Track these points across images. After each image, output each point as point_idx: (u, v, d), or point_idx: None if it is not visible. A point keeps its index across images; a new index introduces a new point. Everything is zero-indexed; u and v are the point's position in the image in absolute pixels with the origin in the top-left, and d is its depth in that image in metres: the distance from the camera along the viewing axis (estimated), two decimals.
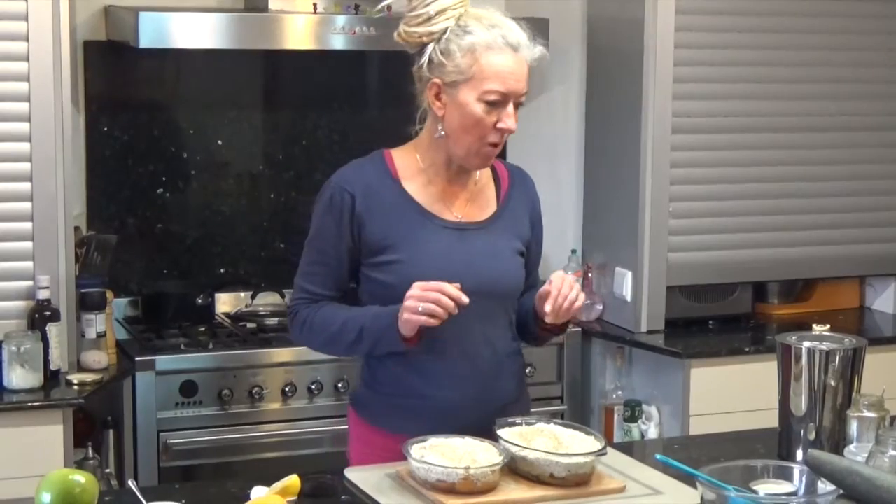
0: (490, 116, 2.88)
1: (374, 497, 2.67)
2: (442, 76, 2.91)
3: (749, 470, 2.57)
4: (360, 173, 3.02)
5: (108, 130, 4.69)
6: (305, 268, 3.03)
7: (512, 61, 2.87)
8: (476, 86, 2.87)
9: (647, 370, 4.85)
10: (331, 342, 3.01)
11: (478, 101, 2.87)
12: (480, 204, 3.05)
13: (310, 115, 4.95)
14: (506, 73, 2.86)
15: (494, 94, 2.86)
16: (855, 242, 5.05)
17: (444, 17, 2.89)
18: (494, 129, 2.90)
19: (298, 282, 3.05)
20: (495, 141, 2.92)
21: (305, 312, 3.00)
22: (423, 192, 3.00)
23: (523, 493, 2.68)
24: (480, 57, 2.86)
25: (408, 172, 3.01)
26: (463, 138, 2.92)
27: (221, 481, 2.92)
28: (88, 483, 2.22)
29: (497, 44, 2.86)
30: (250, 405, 4.30)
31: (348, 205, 2.96)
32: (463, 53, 2.87)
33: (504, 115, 2.88)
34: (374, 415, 3.04)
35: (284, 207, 4.94)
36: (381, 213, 2.96)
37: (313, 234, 3.03)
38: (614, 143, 4.86)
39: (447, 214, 3.00)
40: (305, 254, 3.04)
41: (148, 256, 4.79)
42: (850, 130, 4.99)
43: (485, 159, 2.97)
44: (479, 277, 2.93)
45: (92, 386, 4.01)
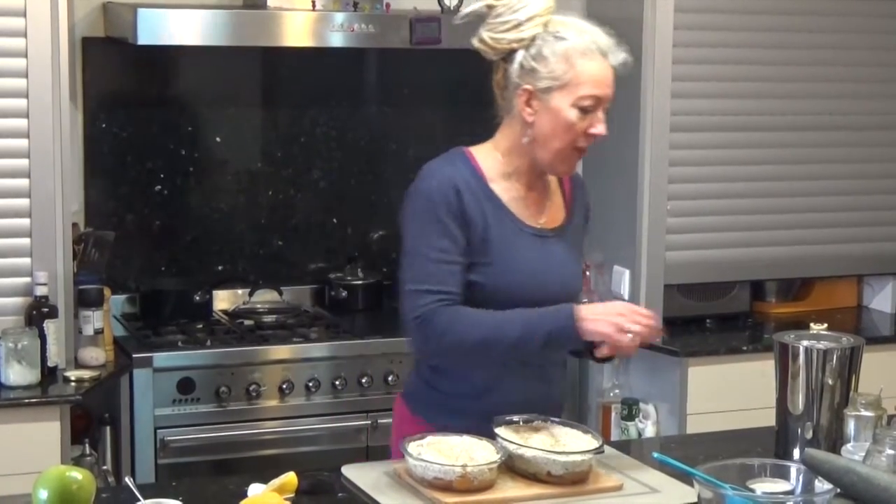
0: (581, 122, 2.87)
1: (372, 495, 2.67)
2: (534, 82, 2.87)
3: (746, 468, 2.57)
4: (455, 171, 2.92)
5: (106, 127, 4.69)
6: (428, 267, 2.85)
7: (604, 66, 2.87)
8: (571, 91, 2.85)
9: (644, 369, 4.84)
10: (484, 343, 2.84)
11: (572, 107, 2.86)
12: (553, 211, 3.04)
13: (308, 113, 4.95)
14: (600, 79, 2.86)
15: (589, 100, 2.85)
16: (853, 241, 5.05)
17: (533, 23, 2.87)
18: (585, 135, 2.89)
19: (420, 287, 2.85)
20: (584, 146, 2.92)
21: (447, 314, 2.83)
22: (507, 195, 2.96)
23: (520, 491, 2.68)
24: (576, 62, 2.84)
25: (493, 174, 2.96)
26: (552, 144, 2.90)
27: (219, 478, 2.93)
28: (85, 480, 2.22)
29: (590, 49, 2.85)
30: (248, 402, 4.30)
31: (455, 201, 2.87)
32: (557, 59, 2.85)
33: (595, 120, 2.88)
34: (425, 409, 3.00)
35: (283, 205, 4.94)
36: (480, 214, 2.90)
37: (425, 233, 2.87)
38: (613, 142, 4.83)
39: (529, 219, 2.98)
40: (418, 257, 2.88)
41: (146, 253, 4.79)
42: (848, 129, 4.99)
43: (571, 165, 2.98)
44: (554, 286, 2.93)
45: (89, 382, 4.01)
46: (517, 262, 2.92)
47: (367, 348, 4.42)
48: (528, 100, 2.88)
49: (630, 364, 4.89)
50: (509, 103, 2.93)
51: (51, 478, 2.20)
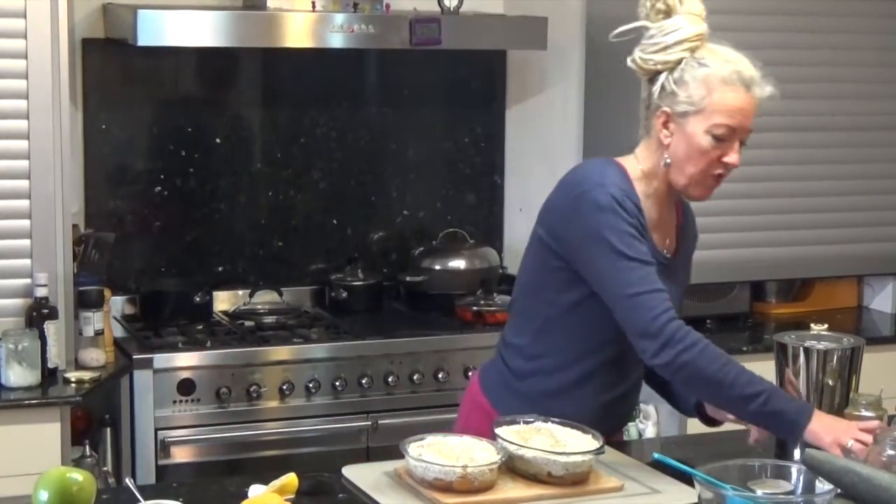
0: (715, 150, 2.87)
1: (372, 495, 2.67)
2: (672, 105, 2.88)
3: (747, 469, 2.57)
4: (620, 182, 2.91)
5: (106, 128, 4.69)
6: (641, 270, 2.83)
7: (743, 98, 2.87)
8: (706, 118, 2.85)
9: None
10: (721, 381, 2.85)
11: (705, 134, 2.86)
12: (671, 238, 3.06)
13: (308, 113, 4.95)
14: (736, 109, 2.86)
15: (723, 129, 2.85)
16: (853, 242, 5.05)
17: (681, 47, 2.89)
18: (719, 162, 2.89)
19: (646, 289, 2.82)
20: (719, 173, 2.91)
21: (695, 336, 2.83)
22: (649, 216, 2.95)
23: (521, 491, 2.68)
24: (714, 90, 2.85)
25: (640, 191, 2.96)
26: (687, 168, 2.90)
27: (219, 479, 2.92)
28: (86, 481, 2.22)
29: (731, 79, 2.86)
30: (248, 403, 4.30)
31: (638, 209, 2.89)
32: (696, 85, 2.86)
33: (729, 149, 2.88)
34: (499, 398, 3.05)
35: (283, 205, 4.94)
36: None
37: (624, 242, 2.83)
38: (612, 142, 4.84)
39: (660, 244, 2.99)
40: (624, 257, 2.83)
41: (146, 254, 4.79)
42: (849, 130, 4.99)
43: (706, 190, 2.96)
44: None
45: (90, 384, 4.01)
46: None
47: (367, 349, 4.42)
48: (666, 122, 2.90)
49: None
50: (649, 123, 2.96)
51: (51, 479, 2.20)
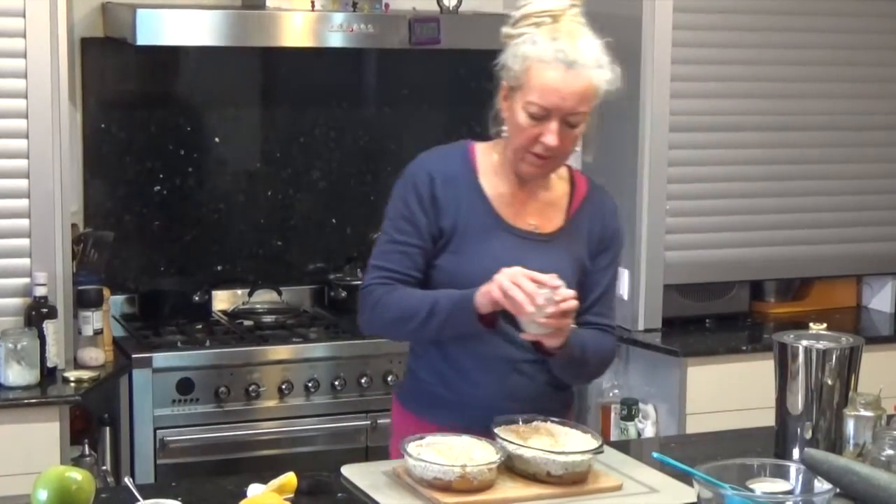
0: (533, 128, 2.86)
1: (371, 495, 2.67)
2: (507, 80, 2.91)
3: (746, 468, 2.57)
4: (443, 160, 3.01)
5: (105, 127, 4.69)
6: (383, 246, 2.98)
7: (559, 77, 2.83)
8: (524, 95, 2.86)
9: (643, 369, 4.84)
10: (400, 319, 2.93)
11: (522, 110, 2.87)
12: (549, 216, 3.03)
13: (307, 113, 4.95)
14: (549, 89, 2.83)
15: (535, 107, 2.84)
16: (852, 241, 5.05)
17: (525, 22, 2.89)
18: (536, 141, 2.88)
19: (374, 262, 2.99)
20: (538, 152, 2.89)
21: (381, 290, 2.94)
22: (496, 191, 2.99)
23: (520, 491, 2.68)
24: (530, 68, 2.84)
25: (486, 168, 3.00)
26: (513, 142, 2.92)
27: (218, 479, 2.92)
28: (85, 480, 2.22)
29: (548, 58, 2.83)
30: (247, 403, 4.30)
31: (428, 187, 2.95)
32: (518, 61, 2.86)
33: (546, 129, 2.86)
34: (419, 405, 3.05)
35: (282, 205, 4.94)
36: (455, 203, 2.95)
37: (393, 214, 2.99)
38: (612, 142, 4.85)
39: (514, 220, 2.99)
40: (383, 235, 3.00)
41: (145, 254, 4.79)
42: (848, 129, 4.99)
43: (532, 168, 2.94)
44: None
45: (89, 383, 4.01)
46: (484, 256, 2.92)
47: (366, 348, 4.42)
48: (505, 95, 2.93)
49: (629, 364, 4.89)
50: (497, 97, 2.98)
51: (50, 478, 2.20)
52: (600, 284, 3.07)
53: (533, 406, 2.94)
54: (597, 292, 3.06)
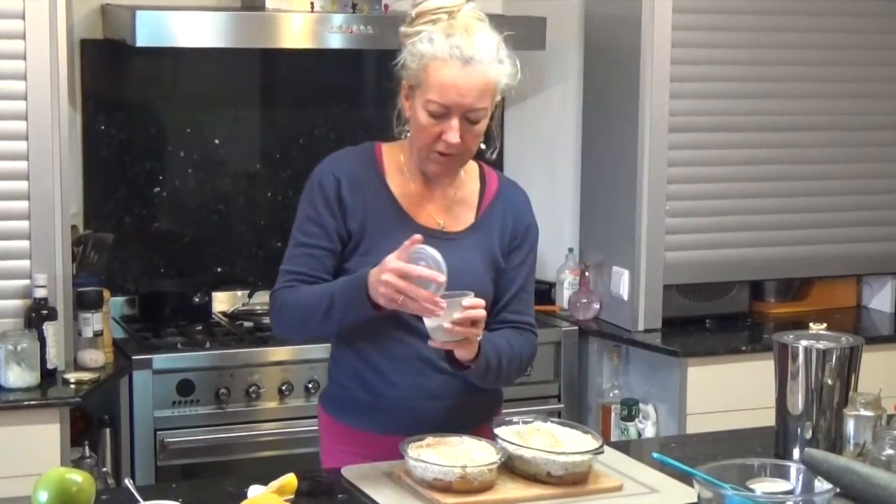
0: (433, 126, 2.85)
1: (371, 496, 2.67)
2: (407, 79, 2.90)
3: (746, 468, 2.57)
4: (349, 161, 3.01)
5: (105, 129, 4.69)
6: (291, 250, 2.99)
7: (458, 75, 2.81)
8: (423, 94, 2.84)
9: (644, 369, 4.85)
10: (305, 318, 2.91)
11: (422, 109, 2.85)
12: (459, 214, 3.02)
13: (307, 114, 4.95)
14: (448, 86, 2.81)
15: (434, 105, 2.82)
16: (852, 241, 5.05)
17: (422, 20, 2.88)
18: (439, 140, 2.86)
19: (283, 267, 2.99)
20: (441, 150, 2.87)
21: (288, 292, 2.93)
22: (403, 190, 2.99)
23: (520, 491, 2.68)
24: (428, 66, 2.82)
25: (392, 168, 3.00)
26: (416, 141, 2.91)
27: (218, 480, 2.92)
28: (85, 482, 2.22)
29: (444, 55, 2.81)
30: (247, 404, 4.30)
31: (335, 189, 2.94)
32: (415, 59, 2.85)
33: (448, 127, 2.84)
34: (341, 411, 3.04)
35: (281, 206, 4.94)
36: (362, 204, 2.94)
37: (300, 218, 3.00)
38: (611, 142, 4.86)
39: (424, 219, 2.98)
40: (291, 240, 3.01)
41: (145, 255, 4.79)
42: (848, 129, 4.99)
43: (437, 166, 2.92)
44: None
45: (89, 384, 4.01)
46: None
47: None
48: (407, 94, 2.92)
49: (629, 364, 4.90)
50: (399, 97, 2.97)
51: (50, 480, 2.20)
52: (516, 282, 3.05)
53: (457, 406, 2.93)
54: (513, 289, 3.04)
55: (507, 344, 2.96)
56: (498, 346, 2.92)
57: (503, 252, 3.03)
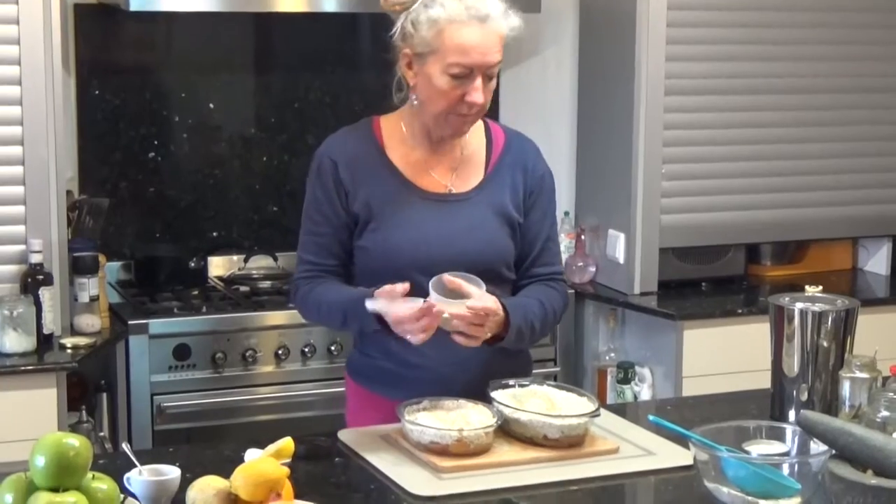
0: (456, 89, 2.85)
1: (368, 459, 2.68)
2: (411, 47, 2.88)
3: (742, 431, 2.58)
4: (345, 142, 3.02)
5: (99, 94, 4.67)
6: (303, 238, 3.02)
7: (478, 34, 2.82)
8: (440, 59, 2.83)
9: (640, 332, 4.85)
10: (325, 323, 3.06)
11: (442, 74, 2.84)
12: (467, 173, 3.02)
13: (302, 78, 4.94)
14: (469, 47, 2.82)
15: (458, 68, 2.82)
16: (848, 204, 5.05)
17: None
18: (462, 102, 2.86)
19: (298, 253, 3.04)
20: (464, 112, 2.88)
21: (303, 290, 2.98)
22: (406, 160, 2.98)
23: (517, 454, 2.69)
24: (444, 30, 2.82)
25: (393, 141, 3.00)
26: (432, 109, 2.90)
27: (215, 444, 2.93)
28: (82, 446, 2.22)
29: (461, 17, 2.81)
30: (244, 368, 4.30)
31: (334, 172, 2.96)
32: (428, 26, 2.83)
33: (471, 88, 2.85)
34: (368, 380, 3.05)
35: (277, 170, 4.93)
36: (364, 182, 2.95)
37: (306, 204, 3.03)
38: (607, 106, 4.85)
39: (430, 184, 2.98)
40: (302, 225, 3.03)
41: (140, 220, 4.78)
42: (844, 92, 4.98)
43: (457, 129, 2.94)
44: (456, 251, 2.91)
45: (85, 349, 4.01)
46: (404, 226, 2.92)
47: None
48: (409, 63, 2.90)
49: (625, 327, 4.90)
50: (397, 66, 2.95)
51: (48, 444, 2.19)
52: (541, 235, 3.06)
53: (486, 372, 2.92)
54: (539, 243, 3.05)
55: (539, 304, 2.98)
56: (529, 311, 2.94)
57: (520, 208, 3.03)
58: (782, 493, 2.37)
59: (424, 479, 2.57)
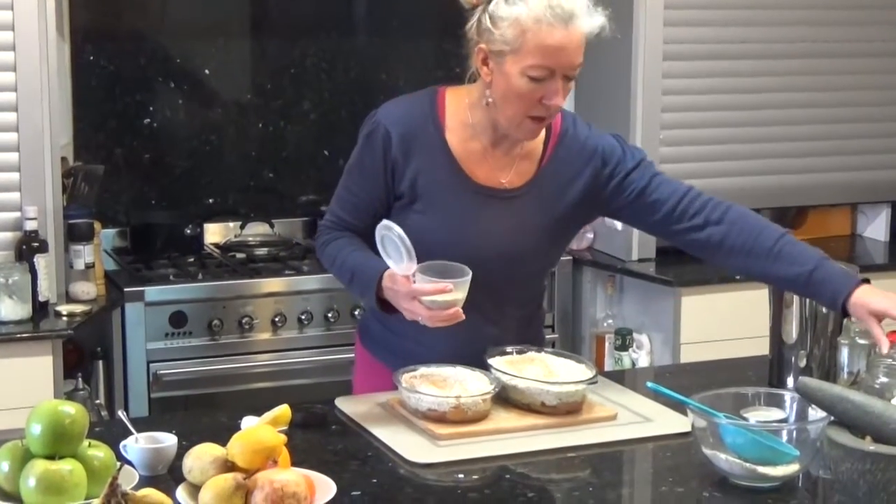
0: (535, 91, 2.72)
1: (366, 426, 2.68)
2: (488, 43, 2.74)
3: (740, 397, 2.58)
4: (407, 114, 2.88)
5: (94, 60, 4.66)
6: (340, 191, 2.95)
7: (561, 35, 2.68)
8: (521, 60, 2.70)
9: (638, 298, 4.85)
10: (334, 274, 2.95)
11: (521, 75, 2.71)
12: (521, 170, 2.91)
13: (298, 44, 4.93)
14: (552, 49, 2.68)
15: (539, 70, 2.70)
16: (847, 170, 5.04)
17: None
18: (540, 104, 2.74)
19: (333, 203, 2.97)
20: (541, 115, 2.77)
21: (325, 238, 2.94)
22: (463, 147, 2.87)
23: (514, 421, 2.69)
24: (527, 30, 2.68)
25: (454, 122, 2.88)
26: (507, 109, 2.78)
27: (212, 412, 2.93)
28: (78, 414, 2.22)
29: (545, 17, 2.67)
30: (240, 336, 4.30)
31: (386, 145, 2.85)
32: (509, 24, 2.69)
33: (551, 91, 2.73)
34: (380, 348, 3.03)
35: (273, 136, 4.93)
36: (416, 162, 2.85)
37: (352, 161, 2.94)
38: (604, 72, 4.83)
39: (483, 177, 2.87)
40: (343, 178, 2.95)
41: (136, 187, 4.78)
42: (844, 57, 4.97)
43: (530, 132, 2.82)
44: (494, 251, 2.85)
45: (81, 317, 4.01)
46: (447, 217, 2.85)
47: None
48: (485, 59, 2.77)
49: (623, 294, 4.90)
50: (471, 60, 2.83)
51: (44, 412, 2.20)
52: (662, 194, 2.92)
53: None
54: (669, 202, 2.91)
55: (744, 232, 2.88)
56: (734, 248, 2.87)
57: (603, 189, 2.92)
58: (780, 459, 2.37)
59: (422, 446, 2.58)
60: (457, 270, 2.70)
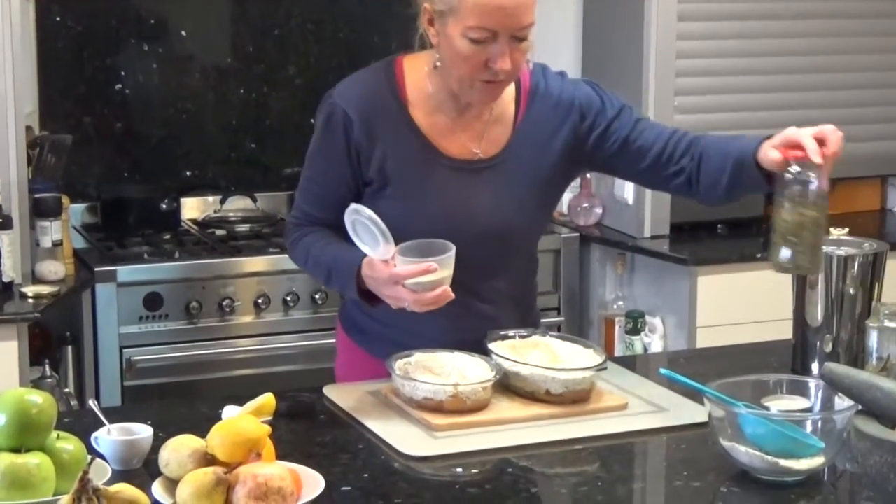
0: (478, 54, 2.71)
1: (356, 416, 2.69)
2: (432, 3, 2.75)
3: (761, 385, 2.58)
4: (365, 92, 2.88)
5: (60, 21, 4.66)
6: (303, 183, 2.98)
7: None
8: (461, 20, 2.69)
9: (650, 278, 4.86)
10: (309, 272, 3.03)
11: (462, 37, 2.71)
12: (495, 136, 2.91)
13: (282, 4, 4.92)
14: (491, 9, 2.66)
15: (478, 32, 2.69)
16: (876, 139, 5.05)
17: None
18: (486, 68, 2.73)
19: (296, 197, 3.00)
20: (488, 79, 2.75)
21: (294, 236, 2.96)
22: (430, 120, 2.88)
23: (517, 411, 2.70)
24: None
25: (417, 94, 2.88)
26: (453, 72, 2.78)
27: (190, 401, 2.94)
28: (46, 403, 2.22)
29: None
30: (220, 319, 4.31)
31: (347, 129, 2.85)
32: None
33: (495, 53, 2.71)
34: (363, 338, 3.03)
35: (255, 104, 4.93)
36: (381, 142, 2.85)
37: (311, 149, 2.95)
38: (616, 34, 4.84)
39: (455, 149, 2.88)
40: (304, 168, 2.97)
41: (107, 158, 4.78)
42: (872, 17, 4.97)
43: (486, 96, 2.82)
44: (477, 226, 2.86)
45: (48, 299, 4.01)
46: (424, 196, 2.86)
47: None
48: (431, 19, 2.77)
49: (635, 274, 4.91)
50: (418, 20, 2.83)
51: (8, 401, 2.20)
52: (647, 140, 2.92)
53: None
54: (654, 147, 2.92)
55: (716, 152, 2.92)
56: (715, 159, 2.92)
57: (584, 142, 2.92)
58: (804, 451, 2.38)
59: (417, 438, 2.58)
60: (439, 247, 2.70)
